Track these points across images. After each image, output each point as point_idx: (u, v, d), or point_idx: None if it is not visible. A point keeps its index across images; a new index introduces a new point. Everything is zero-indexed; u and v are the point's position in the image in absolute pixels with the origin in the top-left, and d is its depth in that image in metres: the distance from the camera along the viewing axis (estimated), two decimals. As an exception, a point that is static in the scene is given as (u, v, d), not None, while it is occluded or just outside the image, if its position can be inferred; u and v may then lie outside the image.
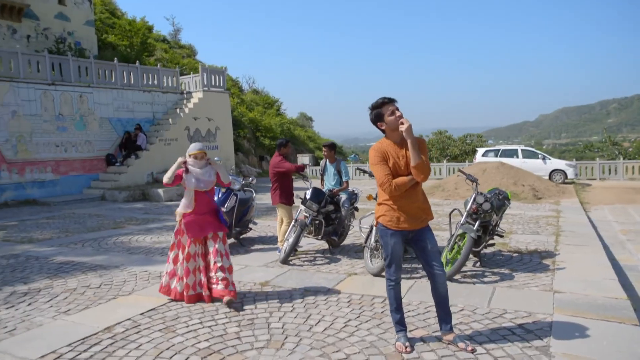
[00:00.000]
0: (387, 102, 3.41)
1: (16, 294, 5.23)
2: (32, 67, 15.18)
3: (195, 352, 3.58)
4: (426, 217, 3.53)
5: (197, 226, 4.69)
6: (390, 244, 3.50)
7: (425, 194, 3.62)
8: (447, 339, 3.55)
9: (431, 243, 3.50)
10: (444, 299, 3.54)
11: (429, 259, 3.50)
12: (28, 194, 14.72)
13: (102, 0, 34.27)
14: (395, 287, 3.58)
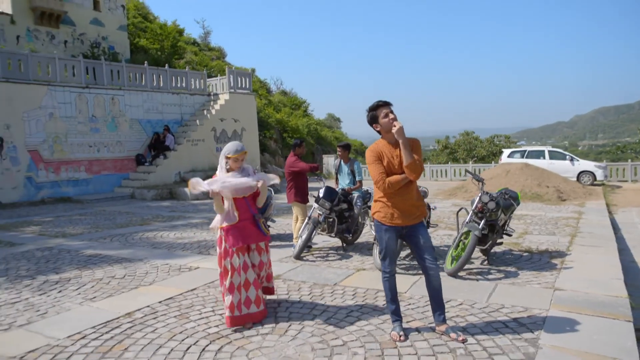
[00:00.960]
0: (382, 105, 3.63)
1: (49, 282, 5.66)
2: (68, 71, 15.94)
3: (204, 336, 3.88)
4: (419, 214, 3.73)
5: (239, 234, 4.12)
6: (385, 238, 3.73)
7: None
8: (440, 330, 3.75)
9: (424, 238, 3.70)
10: (437, 292, 3.73)
11: (422, 253, 3.71)
12: (63, 192, 15.47)
13: (135, 5, 35.43)
14: (390, 279, 3.80)
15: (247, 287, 4.11)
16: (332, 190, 6.81)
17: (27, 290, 5.36)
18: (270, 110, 30.23)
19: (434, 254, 3.80)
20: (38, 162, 14.89)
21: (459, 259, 5.33)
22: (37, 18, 22.25)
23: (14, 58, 14.77)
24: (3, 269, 6.43)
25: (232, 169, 4.14)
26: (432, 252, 3.76)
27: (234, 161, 4.11)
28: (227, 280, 4.08)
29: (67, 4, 23.29)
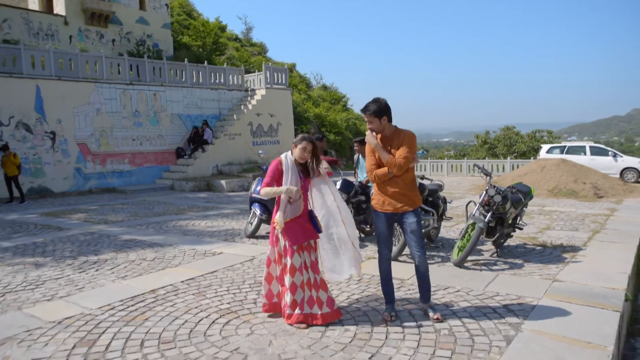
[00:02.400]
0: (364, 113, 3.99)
1: (88, 262, 6.28)
2: (114, 69, 16.90)
3: (216, 310, 4.32)
4: (409, 202, 4.01)
5: (300, 231, 3.97)
6: (377, 223, 4.09)
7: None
8: (423, 308, 4.08)
9: (411, 226, 4.01)
10: (422, 275, 4.05)
11: (409, 240, 4.04)
12: (108, 182, 16.47)
13: (180, 3, 36.65)
14: (384, 262, 4.13)
15: (310, 286, 3.96)
16: (349, 182, 7.13)
17: (69, 268, 5.99)
18: (309, 104, 30.63)
19: (422, 242, 4.06)
20: (86, 154, 15.92)
21: (464, 250, 5.55)
22: (88, 19, 23.55)
23: (65, 57, 15.82)
24: (50, 250, 7.14)
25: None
26: (420, 239, 4.03)
27: (302, 150, 3.99)
28: (287, 279, 3.94)
29: (115, 4, 24.51)
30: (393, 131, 4.03)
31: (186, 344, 3.63)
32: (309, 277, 3.96)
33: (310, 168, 4.12)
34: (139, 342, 3.68)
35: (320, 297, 3.95)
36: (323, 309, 3.92)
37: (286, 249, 3.97)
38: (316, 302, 3.93)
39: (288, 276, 3.94)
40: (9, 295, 4.98)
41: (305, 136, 4.07)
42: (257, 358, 3.36)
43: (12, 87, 14.31)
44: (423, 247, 4.05)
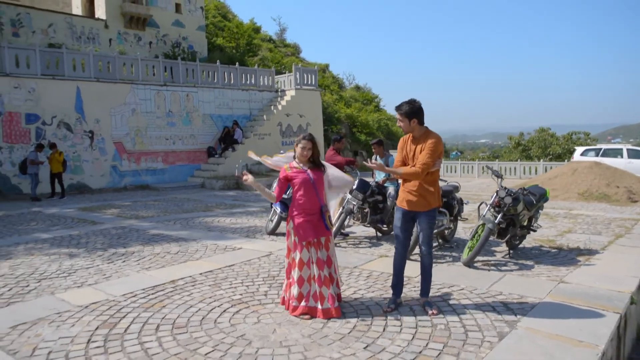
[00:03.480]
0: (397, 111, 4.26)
1: (117, 254, 6.71)
2: (149, 70, 17.59)
3: (228, 300, 4.61)
4: (424, 202, 4.19)
5: (310, 228, 4.15)
6: (395, 216, 4.37)
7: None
8: (420, 303, 4.28)
9: (422, 226, 4.23)
10: (424, 271, 4.27)
11: (418, 239, 4.30)
12: (142, 180, 17.15)
13: (215, 5, 37.52)
14: (397, 256, 4.37)
15: (317, 281, 4.13)
16: (365, 182, 7.31)
17: (99, 259, 6.42)
18: (340, 105, 30.79)
19: (430, 240, 4.29)
20: (122, 152, 16.64)
21: (472, 250, 5.65)
22: (127, 22, 24.49)
23: (104, 60, 16.59)
24: (84, 242, 7.62)
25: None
26: (427, 238, 4.25)
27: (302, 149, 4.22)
28: (295, 272, 4.18)
29: (152, 8, 25.39)
30: (423, 133, 4.21)
31: (197, 329, 3.92)
32: (314, 274, 4.16)
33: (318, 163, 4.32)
34: (155, 326, 4.00)
35: (322, 292, 4.14)
36: (324, 305, 4.11)
37: (295, 244, 4.20)
38: (319, 297, 4.13)
39: (296, 270, 4.17)
40: (44, 281, 5.42)
41: (305, 135, 4.29)
42: (260, 344, 3.61)
43: (55, 88, 15.15)
44: (430, 245, 4.26)
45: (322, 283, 4.15)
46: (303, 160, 4.28)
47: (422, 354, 3.42)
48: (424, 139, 4.17)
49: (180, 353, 3.48)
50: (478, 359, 3.32)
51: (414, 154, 4.20)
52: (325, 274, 4.18)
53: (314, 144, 4.24)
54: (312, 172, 4.25)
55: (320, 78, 34.07)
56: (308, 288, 4.16)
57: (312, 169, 4.26)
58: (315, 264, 4.17)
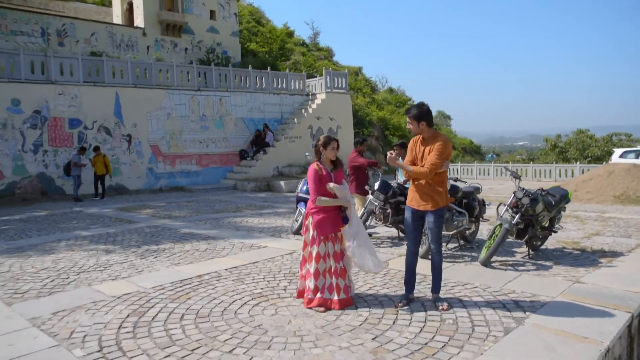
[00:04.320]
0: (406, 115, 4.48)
1: (149, 251, 7.11)
2: (184, 76, 18.23)
3: (249, 294, 4.88)
4: (432, 202, 4.35)
5: (328, 223, 4.41)
6: (406, 216, 4.55)
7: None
8: (433, 298, 4.44)
9: (430, 225, 4.38)
10: (435, 267, 4.44)
11: (427, 238, 4.44)
12: (177, 182, 17.78)
13: (250, 11, 38.29)
14: (409, 255, 4.54)
15: (331, 274, 4.40)
16: (387, 184, 7.46)
17: (133, 255, 6.83)
18: (373, 108, 30.83)
19: (438, 239, 4.43)
20: (157, 155, 17.31)
21: (489, 249, 5.73)
22: (164, 29, 25.39)
23: (141, 67, 17.32)
24: (120, 239, 8.08)
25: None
26: (436, 236, 4.40)
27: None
28: (311, 266, 4.42)
29: (188, 15, 26.22)
30: (431, 135, 4.40)
31: (218, 319, 4.20)
32: (331, 266, 4.42)
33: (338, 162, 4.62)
34: (180, 315, 4.30)
35: (338, 284, 4.38)
36: (340, 295, 4.36)
37: (314, 238, 4.43)
38: (335, 288, 4.37)
39: (313, 263, 4.41)
40: (83, 274, 5.84)
41: (330, 136, 4.62)
42: (275, 333, 3.85)
43: (95, 94, 15.94)
44: (438, 243, 4.41)
45: (338, 275, 4.39)
46: (328, 162, 4.56)
47: (427, 345, 3.58)
48: (433, 141, 4.34)
49: (201, 339, 3.77)
50: (480, 351, 3.45)
51: (422, 155, 4.38)
52: (341, 265, 4.43)
53: (338, 143, 4.60)
54: (334, 174, 4.54)
55: (353, 81, 34.25)
56: (323, 281, 4.41)
57: (335, 171, 4.56)
58: (332, 257, 4.43)
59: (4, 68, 14.47)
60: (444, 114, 60.13)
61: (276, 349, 3.56)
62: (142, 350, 3.60)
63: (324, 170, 4.51)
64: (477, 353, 3.43)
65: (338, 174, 4.56)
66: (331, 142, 4.54)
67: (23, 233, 8.92)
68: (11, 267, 6.28)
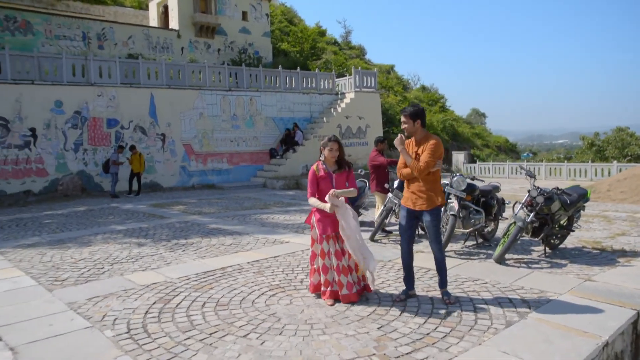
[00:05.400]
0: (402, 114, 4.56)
1: (178, 244, 7.52)
2: (215, 77, 18.78)
3: (267, 285, 5.18)
4: (427, 201, 4.48)
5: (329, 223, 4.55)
6: (400, 216, 4.70)
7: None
8: (441, 293, 4.59)
9: (427, 224, 4.52)
10: (438, 264, 4.59)
11: (428, 235, 4.58)
12: (209, 179, 18.34)
13: (282, 11, 38.79)
14: (403, 254, 4.68)
15: (334, 270, 4.57)
16: (405, 182, 7.62)
17: (163, 248, 7.25)
18: (404, 106, 30.75)
19: (437, 237, 4.54)
20: (190, 154, 17.92)
21: (502, 246, 5.84)
22: (197, 31, 26.12)
23: (175, 68, 17.95)
24: (151, 233, 8.55)
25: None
26: (434, 235, 4.51)
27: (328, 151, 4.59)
28: (319, 262, 4.64)
29: (221, 17, 26.88)
30: (423, 136, 4.54)
31: (236, 307, 4.51)
32: (332, 263, 4.59)
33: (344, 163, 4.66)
34: (201, 303, 4.64)
35: (341, 280, 4.56)
36: (343, 291, 4.54)
37: (318, 236, 4.65)
38: (338, 284, 4.56)
39: (319, 259, 4.64)
40: (116, 265, 6.28)
41: (331, 137, 4.65)
42: (288, 321, 4.12)
43: (132, 95, 16.65)
44: (438, 241, 4.55)
45: (340, 272, 4.57)
46: (331, 162, 4.65)
47: (429, 335, 3.78)
48: (425, 141, 4.49)
49: (219, 325, 4.08)
50: (479, 342, 3.63)
51: (416, 156, 4.51)
52: (343, 264, 4.59)
53: (339, 145, 4.62)
54: (337, 176, 4.61)
55: (384, 79, 34.29)
56: (332, 275, 4.61)
57: (337, 172, 4.63)
58: (334, 255, 4.58)
59: (48, 71, 15.31)
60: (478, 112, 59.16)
61: (287, 335, 3.84)
62: (165, 332, 3.94)
63: (323, 171, 4.61)
64: (476, 343, 3.60)
65: (341, 175, 4.61)
66: (329, 144, 4.58)
67: (64, 227, 9.53)
68: (52, 258, 6.80)
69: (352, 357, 3.42)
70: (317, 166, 4.68)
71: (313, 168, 4.70)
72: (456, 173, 7.45)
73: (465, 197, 6.65)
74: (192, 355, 3.51)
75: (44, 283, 5.50)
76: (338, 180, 4.62)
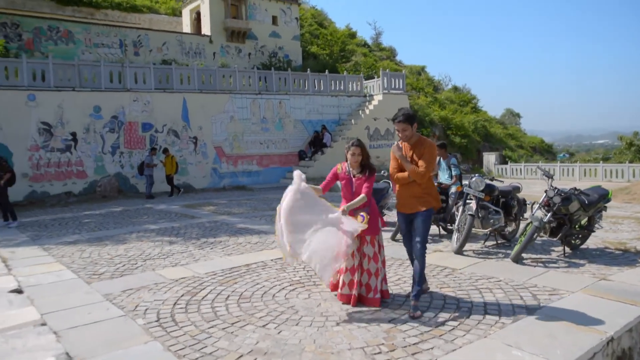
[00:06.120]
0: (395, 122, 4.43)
1: (207, 243, 7.89)
2: (245, 80, 19.28)
3: (288, 281, 5.46)
4: (424, 203, 4.44)
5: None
6: (398, 221, 4.78)
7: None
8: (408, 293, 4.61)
9: (416, 224, 4.44)
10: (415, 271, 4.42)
11: (415, 234, 4.46)
12: (239, 181, 18.83)
13: (312, 14, 39.19)
14: (408, 253, 4.76)
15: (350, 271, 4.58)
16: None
17: (192, 246, 7.64)
18: (435, 107, 30.53)
19: (423, 242, 4.41)
20: (221, 156, 18.45)
21: (518, 246, 5.93)
22: (229, 36, 26.77)
23: (206, 73, 18.54)
24: (182, 232, 8.97)
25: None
26: (420, 235, 4.40)
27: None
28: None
29: (251, 22, 27.46)
30: (418, 139, 4.48)
31: (258, 300, 4.80)
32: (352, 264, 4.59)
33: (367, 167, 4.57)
34: (226, 296, 4.95)
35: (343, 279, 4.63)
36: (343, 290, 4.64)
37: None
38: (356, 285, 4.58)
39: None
40: (148, 261, 6.69)
41: (354, 141, 4.59)
42: (305, 313, 4.38)
43: (165, 100, 17.30)
44: (422, 242, 4.40)
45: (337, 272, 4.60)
46: (354, 166, 4.59)
47: (437, 328, 3.96)
48: (421, 144, 4.44)
49: (240, 315, 4.38)
50: (485, 335, 3.79)
51: (412, 159, 4.43)
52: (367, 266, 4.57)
53: (362, 149, 4.56)
54: (356, 180, 4.56)
55: (415, 81, 34.17)
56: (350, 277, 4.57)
57: (358, 176, 4.56)
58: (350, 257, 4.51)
59: (87, 78, 16.10)
60: (512, 112, 58.05)
61: (303, 325, 4.09)
62: (191, 322, 4.26)
63: (344, 173, 4.60)
64: (481, 336, 3.77)
65: (361, 179, 4.54)
66: (352, 148, 4.55)
67: (102, 225, 10.09)
68: (91, 254, 7.28)
69: (362, 345, 3.65)
70: (342, 166, 4.69)
71: (337, 166, 4.72)
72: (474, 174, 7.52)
73: (484, 198, 6.76)
74: (215, 341, 3.82)
75: (83, 276, 5.94)
76: (358, 184, 4.56)
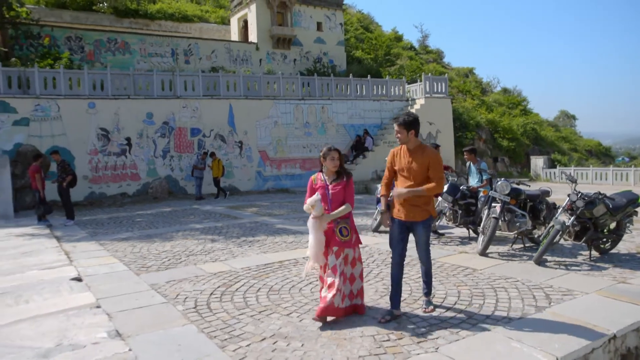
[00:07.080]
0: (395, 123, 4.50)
1: (246, 241, 8.45)
2: (289, 86, 19.92)
3: (316, 277, 5.84)
4: (420, 213, 4.39)
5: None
6: (391, 228, 4.54)
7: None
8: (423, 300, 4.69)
9: (417, 236, 4.49)
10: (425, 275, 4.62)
11: (417, 247, 4.59)
12: (282, 184, 19.47)
13: (358, 18, 39.56)
14: (394, 266, 4.49)
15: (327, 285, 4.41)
16: (455, 187, 7.99)
17: (232, 244, 8.21)
18: (481, 110, 30.09)
19: (427, 250, 4.56)
20: (265, 160, 19.16)
21: (540, 248, 6.07)
22: (274, 43, 27.58)
23: (251, 80, 19.32)
24: (224, 232, 9.59)
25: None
26: (424, 248, 4.53)
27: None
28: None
29: (296, 28, 28.17)
30: (417, 145, 4.43)
31: (285, 293, 5.25)
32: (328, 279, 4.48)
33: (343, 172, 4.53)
34: (257, 289, 5.43)
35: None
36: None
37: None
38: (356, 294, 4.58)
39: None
40: (191, 256, 7.30)
41: (331, 147, 4.51)
42: (326, 305, 4.78)
43: (213, 106, 18.20)
44: (427, 252, 4.56)
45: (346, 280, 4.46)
46: (332, 171, 4.48)
47: (446, 321, 4.26)
48: (421, 152, 4.39)
49: (268, 305, 4.84)
50: (490, 328, 4.05)
51: (410, 166, 4.35)
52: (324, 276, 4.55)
53: (340, 153, 4.50)
54: (332, 187, 4.45)
55: (462, 83, 33.79)
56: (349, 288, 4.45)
57: (334, 183, 4.47)
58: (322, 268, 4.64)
59: (141, 87, 17.23)
60: (567, 114, 56.01)
61: (323, 315, 4.49)
62: (224, 309, 4.76)
63: (320, 182, 4.51)
64: (486, 329, 4.03)
65: (337, 185, 4.45)
66: (330, 153, 4.43)
67: (152, 224, 10.89)
68: (141, 249, 7.98)
69: (373, 333, 4.01)
70: (316, 177, 4.60)
71: (311, 178, 4.65)
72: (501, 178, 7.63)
73: (510, 201, 6.91)
74: (243, 326, 4.29)
75: (133, 269, 6.60)
76: (334, 190, 4.46)
